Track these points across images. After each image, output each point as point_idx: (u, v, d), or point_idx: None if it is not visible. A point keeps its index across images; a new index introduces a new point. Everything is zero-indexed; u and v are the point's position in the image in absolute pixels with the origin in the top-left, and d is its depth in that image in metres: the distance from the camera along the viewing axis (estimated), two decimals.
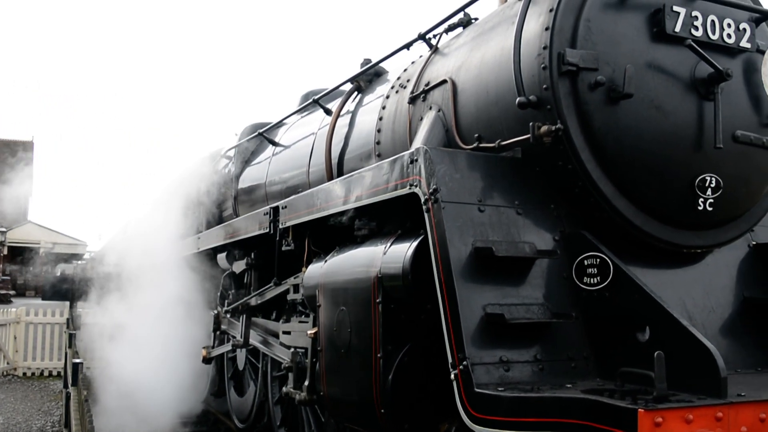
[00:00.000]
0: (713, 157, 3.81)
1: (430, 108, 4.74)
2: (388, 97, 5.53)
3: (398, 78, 5.56)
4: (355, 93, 6.51)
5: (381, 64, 6.25)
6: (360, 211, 4.43)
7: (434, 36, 5.30)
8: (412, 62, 5.61)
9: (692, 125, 3.79)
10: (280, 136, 8.15)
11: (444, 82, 4.65)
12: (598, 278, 3.47)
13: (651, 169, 3.74)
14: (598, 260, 3.48)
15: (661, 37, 3.78)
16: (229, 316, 7.92)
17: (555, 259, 3.60)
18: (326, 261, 4.69)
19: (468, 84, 4.41)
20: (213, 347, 8.44)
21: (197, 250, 8.92)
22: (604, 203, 3.73)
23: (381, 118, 5.48)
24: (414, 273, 3.67)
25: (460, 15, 5.14)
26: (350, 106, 6.41)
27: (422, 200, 3.60)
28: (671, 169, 3.77)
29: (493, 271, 3.40)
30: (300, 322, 5.69)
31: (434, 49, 5.21)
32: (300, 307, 5.86)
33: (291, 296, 5.94)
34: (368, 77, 6.47)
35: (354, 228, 4.46)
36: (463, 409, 3.15)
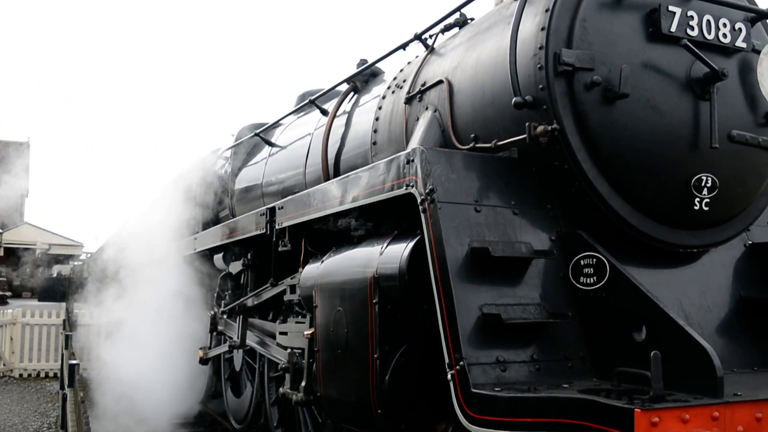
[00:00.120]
0: (709, 157, 3.82)
1: (427, 108, 4.74)
2: (384, 97, 5.52)
3: (394, 78, 5.56)
4: (352, 93, 6.50)
5: (377, 65, 6.25)
6: (356, 212, 4.43)
7: (430, 36, 5.31)
8: (409, 62, 5.61)
9: (688, 125, 3.80)
10: (276, 137, 8.14)
11: (440, 82, 4.65)
12: (595, 278, 3.47)
13: (647, 169, 3.75)
14: (595, 260, 3.48)
15: (656, 37, 3.79)
16: (225, 316, 7.90)
17: (551, 259, 3.60)
18: (323, 261, 4.69)
19: (464, 84, 4.41)
20: (210, 348, 8.43)
21: (194, 251, 8.92)
22: (600, 203, 3.73)
23: (377, 119, 5.48)
24: (410, 273, 3.67)
25: (456, 15, 5.15)
26: (347, 106, 6.41)
27: (419, 200, 3.60)
28: (667, 168, 3.77)
29: (489, 271, 3.41)
30: (297, 322, 5.69)
31: (430, 50, 5.21)
32: (297, 308, 5.85)
33: (288, 297, 5.93)
34: (364, 77, 6.47)
35: (350, 228, 4.46)
36: (460, 410, 3.15)
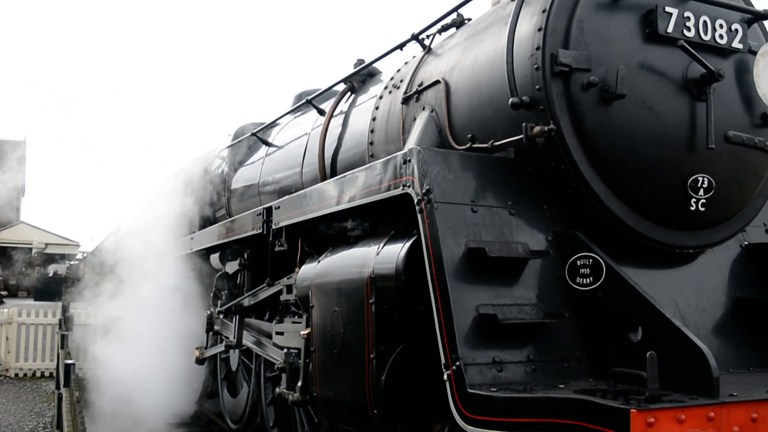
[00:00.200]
0: (705, 158, 3.82)
1: (423, 108, 4.74)
2: (381, 97, 5.52)
3: (391, 78, 5.56)
4: (349, 93, 6.50)
5: (374, 65, 6.25)
6: (353, 212, 4.43)
7: (427, 36, 5.30)
8: (406, 63, 5.60)
9: (684, 126, 3.80)
10: (273, 137, 8.13)
11: (437, 82, 4.65)
12: (591, 278, 3.47)
13: (643, 170, 3.75)
14: (591, 260, 3.49)
15: (653, 38, 3.79)
16: (222, 316, 7.90)
17: (548, 260, 3.61)
18: (319, 261, 4.68)
19: (461, 84, 4.41)
20: (206, 348, 8.42)
21: (190, 251, 8.91)
22: (597, 204, 3.73)
23: (374, 119, 5.48)
24: (407, 273, 3.67)
25: (453, 15, 5.15)
26: (343, 106, 6.41)
27: (415, 201, 3.60)
28: (664, 169, 3.78)
29: (486, 271, 3.40)
30: (293, 322, 5.68)
31: (427, 50, 5.21)
32: (293, 308, 5.85)
33: (284, 297, 5.93)
34: (361, 77, 6.47)
35: (347, 228, 4.46)
36: (456, 410, 3.15)
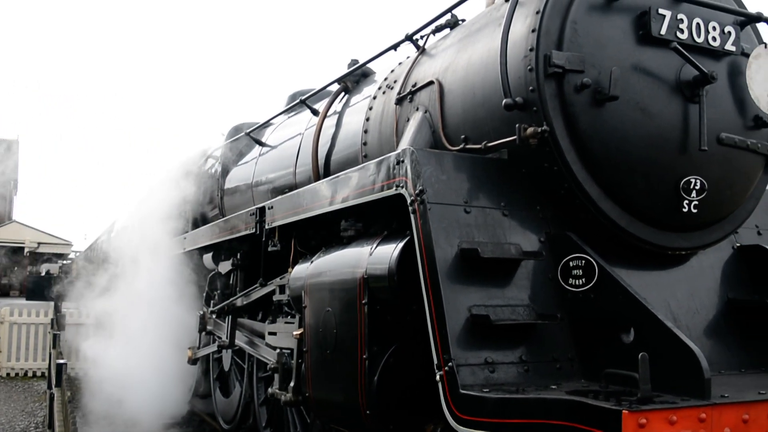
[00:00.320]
0: (698, 160, 3.84)
1: (417, 109, 4.74)
2: (375, 97, 5.52)
3: (385, 79, 5.56)
4: (342, 93, 6.49)
5: (368, 65, 6.24)
6: (346, 212, 4.42)
7: (421, 37, 5.30)
8: (399, 63, 5.60)
9: (677, 127, 3.81)
10: (266, 137, 8.12)
11: (431, 83, 4.65)
12: (584, 280, 3.47)
13: (636, 171, 3.76)
14: (584, 262, 3.49)
15: (646, 40, 3.80)
16: (214, 316, 7.88)
17: (540, 261, 3.61)
18: (312, 262, 4.67)
19: (455, 85, 4.41)
20: (198, 348, 8.40)
21: (183, 251, 8.88)
22: (590, 205, 3.74)
23: (368, 119, 5.47)
24: (400, 274, 3.66)
25: (447, 16, 5.15)
26: (337, 106, 6.40)
27: (408, 201, 3.60)
28: (656, 171, 3.79)
29: (478, 272, 3.40)
30: (286, 323, 5.67)
31: (421, 50, 5.21)
32: (286, 308, 5.84)
33: (277, 297, 5.91)
34: (355, 78, 6.46)
35: (340, 229, 4.45)
36: (448, 410, 3.15)
